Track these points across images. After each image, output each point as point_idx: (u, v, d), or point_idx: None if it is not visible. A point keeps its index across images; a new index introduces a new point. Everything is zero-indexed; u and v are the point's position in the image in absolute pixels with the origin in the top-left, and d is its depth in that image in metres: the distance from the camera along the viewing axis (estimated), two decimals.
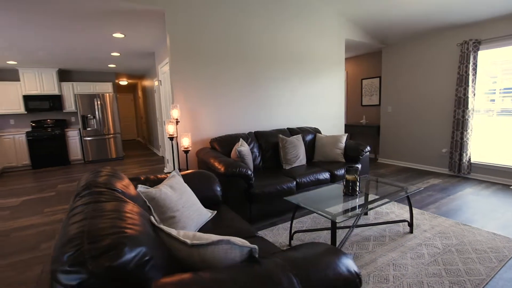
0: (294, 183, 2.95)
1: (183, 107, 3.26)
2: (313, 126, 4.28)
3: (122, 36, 3.95)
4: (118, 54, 5.15)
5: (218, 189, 2.22)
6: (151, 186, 1.95)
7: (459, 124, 4.18)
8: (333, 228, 1.91)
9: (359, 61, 6.09)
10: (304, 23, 4.10)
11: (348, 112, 6.53)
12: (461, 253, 2.15)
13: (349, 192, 2.33)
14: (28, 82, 5.94)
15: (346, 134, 3.81)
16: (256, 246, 1.00)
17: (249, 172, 2.63)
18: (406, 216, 2.86)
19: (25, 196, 4.07)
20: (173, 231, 1.12)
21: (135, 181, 1.99)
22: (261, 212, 2.79)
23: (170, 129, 2.82)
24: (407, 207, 3.08)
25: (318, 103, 4.44)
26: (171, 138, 2.85)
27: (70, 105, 6.51)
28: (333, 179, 3.26)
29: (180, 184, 1.87)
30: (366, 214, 2.94)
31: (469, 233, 2.45)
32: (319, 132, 4.07)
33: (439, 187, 3.81)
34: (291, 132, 3.87)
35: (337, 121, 4.75)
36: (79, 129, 6.40)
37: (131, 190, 1.57)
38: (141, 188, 1.65)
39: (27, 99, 5.97)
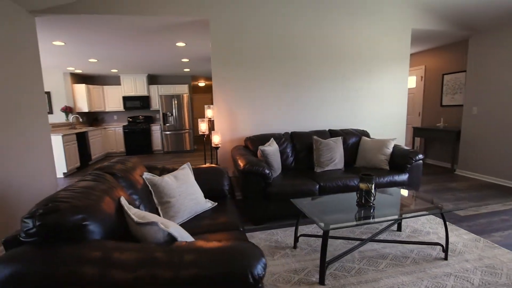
0: (317, 186, 2.83)
1: (222, 107, 3.54)
2: (361, 129, 3.93)
3: (184, 44, 4.53)
4: (187, 60, 5.88)
5: (226, 184, 2.37)
6: (164, 174, 2.25)
7: None
8: (325, 237, 1.80)
9: (440, 53, 5.19)
10: (357, 15, 3.80)
11: (424, 113, 5.64)
12: None
13: (362, 202, 2.11)
14: (126, 85, 7.41)
15: (394, 139, 3.37)
16: (172, 231, 1.11)
17: (266, 171, 2.68)
18: (455, 240, 2.37)
19: None
20: (130, 210, 1.33)
21: (155, 169, 2.33)
22: (279, 212, 2.80)
23: (203, 127, 3.13)
24: (458, 230, 2.54)
25: (371, 104, 4.04)
26: (203, 135, 3.16)
27: (155, 104, 7.78)
28: None
29: (185, 176, 2.10)
30: (399, 229, 2.57)
31: None
32: (367, 136, 3.72)
33: None
34: (332, 134, 3.67)
35: (397, 124, 4.20)
36: (160, 125, 7.59)
37: (136, 176, 1.89)
38: (146, 175, 1.95)
39: (125, 99, 7.46)
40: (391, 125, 4.19)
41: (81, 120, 6.87)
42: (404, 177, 3.08)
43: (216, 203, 2.20)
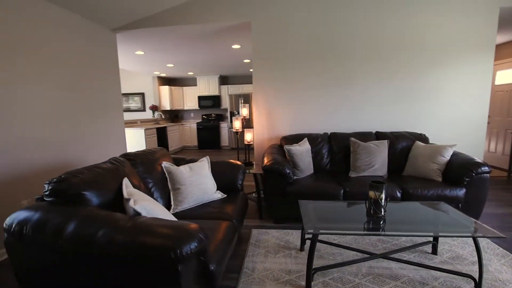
0: (342, 191, 2.65)
1: (261, 106, 3.67)
2: (419, 132, 3.40)
3: (239, 46, 4.84)
4: (249, 61, 6.21)
5: (240, 179, 2.50)
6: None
7: None
8: (313, 240, 1.74)
9: None
10: None
11: None
12: None
13: (370, 213, 1.91)
14: (201, 86, 8.34)
15: (454, 145, 2.81)
16: (137, 208, 1.34)
17: (287, 171, 2.68)
18: (505, 278, 1.87)
19: None
20: (127, 189, 1.63)
21: (181, 161, 2.64)
22: (299, 212, 2.75)
23: (237, 124, 3.33)
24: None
25: (436, 104, 3.45)
26: (237, 133, 3.35)
27: (225, 103, 8.48)
28: (406, 197, 2.59)
29: (199, 168, 2.34)
30: (434, 253, 2.18)
31: None
32: (424, 140, 3.21)
33: None
34: (378, 136, 3.32)
35: (473, 128, 3.45)
36: (228, 122, 8.23)
37: (156, 164, 2.22)
38: (165, 164, 2.28)
39: (200, 98, 8.40)
40: (465, 130, 3.47)
41: (163, 117, 8.12)
42: (458, 192, 2.55)
43: (226, 196, 2.36)
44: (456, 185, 2.59)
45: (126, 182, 1.71)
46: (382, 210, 1.87)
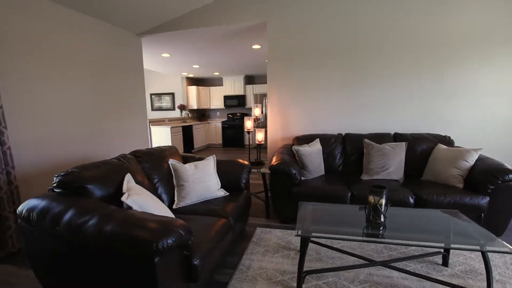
0: (349, 194, 2.56)
1: (276, 106, 3.67)
2: (443, 134, 3.15)
3: (259, 47, 4.87)
4: None
5: (244, 178, 2.54)
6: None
7: None
8: (304, 242, 1.72)
9: None
10: None
11: None
12: None
13: (370, 218, 1.83)
14: (227, 86, 8.52)
15: (479, 149, 2.56)
16: (128, 202, 1.44)
17: (293, 171, 2.66)
18: None
19: None
20: (128, 184, 1.76)
21: (191, 159, 2.75)
22: None
23: (248, 124, 3.36)
24: None
25: (462, 104, 3.17)
26: (248, 132, 3.39)
27: (249, 102, 8.58)
28: (419, 204, 2.43)
29: (205, 166, 2.43)
30: (445, 264, 2.02)
31: None
32: (448, 143, 2.97)
33: None
34: (397, 138, 3.15)
35: (507, 133, 3.11)
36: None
37: (163, 161, 2.35)
38: (171, 161, 2.39)
39: (226, 98, 8.59)
40: (496, 133, 3.13)
41: (189, 115, 8.45)
42: (481, 201, 2.33)
43: (228, 194, 2.42)
44: (478, 193, 2.37)
45: (128, 177, 1.84)
46: (382, 216, 1.79)
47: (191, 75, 8.14)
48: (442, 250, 2.05)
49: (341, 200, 2.57)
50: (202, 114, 9.21)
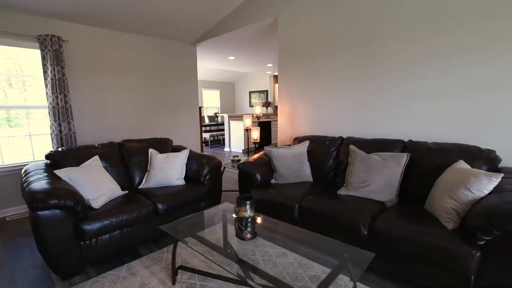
0: (297, 205, 2.24)
1: (285, 105, 3.50)
2: (483, 148, 2.07)
3: None
4: None
5: (204, 172, 2.74)
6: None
7: None
8: (175, 247, 1.82)
9: None
10: None
11: None
12: None
13: (239, 232, 1.66)
14: None
15: (499, 175, 1.59)
16: (60, 174, 2.08)
17: (253, 172, 2.60)
18: None
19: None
20: (88, 162, 2.43)
21: (177, 149, 3.19)
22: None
23: (247, 122, 3.37)
24: None
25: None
26: (247, 130, 3.40)
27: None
28: (372, 237, 1.82)
29: (174, 157, 2.82)
30: None
31: None
32: (486, 160, 1.96)
33: None
34: (407, 146, 2.35)
35: None
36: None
37: (146, 150, 2.94)
38: (151, 150, 2.93)
39: None
40: None
41: (272, 112, 8.81)
42: (468, 256, 1.49)
43: (184, 184, 2.71)
44: (468, 243, 1.52)
45: (95, 158, 2.52)
46: (248, 230, 1.61)
47: (275, 73, 8.47)
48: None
49: (288, 212, 2.30)
50: None
